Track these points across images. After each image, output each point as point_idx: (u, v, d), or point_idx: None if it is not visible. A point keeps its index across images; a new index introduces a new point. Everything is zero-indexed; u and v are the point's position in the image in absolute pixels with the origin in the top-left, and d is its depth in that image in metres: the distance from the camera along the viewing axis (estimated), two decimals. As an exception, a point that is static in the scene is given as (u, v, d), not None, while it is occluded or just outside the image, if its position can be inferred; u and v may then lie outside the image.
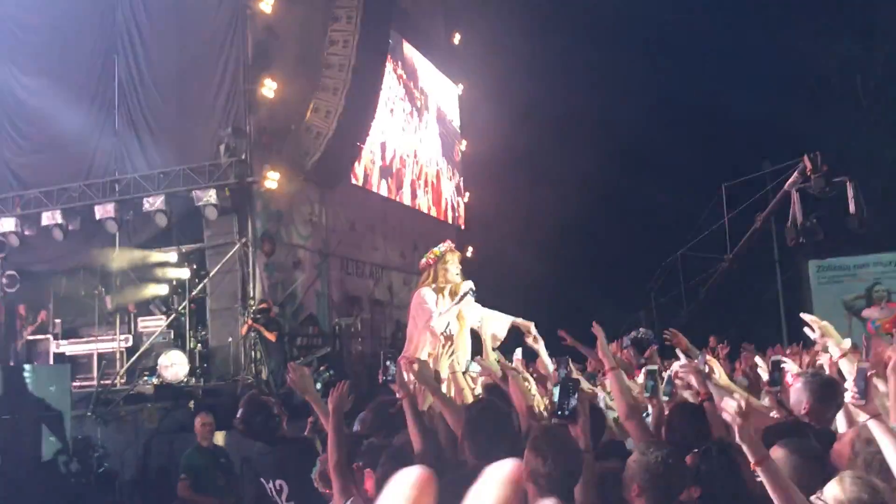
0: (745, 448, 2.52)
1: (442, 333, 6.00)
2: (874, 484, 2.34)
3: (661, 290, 19.61)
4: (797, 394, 3.80)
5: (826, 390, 3.68)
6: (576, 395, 3.26)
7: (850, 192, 13.54)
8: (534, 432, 3.08)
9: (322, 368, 10.35)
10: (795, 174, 14.27)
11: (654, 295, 19.94)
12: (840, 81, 26.95)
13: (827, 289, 20.16)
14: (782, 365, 4.21)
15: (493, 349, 5.63)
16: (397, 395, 4.07)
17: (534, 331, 5.82)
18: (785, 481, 2.45)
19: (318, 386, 9.81)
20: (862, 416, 2.87)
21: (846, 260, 20.05)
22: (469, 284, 6.27)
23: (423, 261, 6.66)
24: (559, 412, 3.29)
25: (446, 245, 6.61)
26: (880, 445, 2.76)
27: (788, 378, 4.14)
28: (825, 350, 4.24)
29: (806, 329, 4.45)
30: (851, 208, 13.51)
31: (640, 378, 4.33)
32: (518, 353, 5.24)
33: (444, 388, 4.71)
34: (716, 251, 18.66)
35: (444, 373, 4.90)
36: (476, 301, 6.37)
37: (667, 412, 3.81)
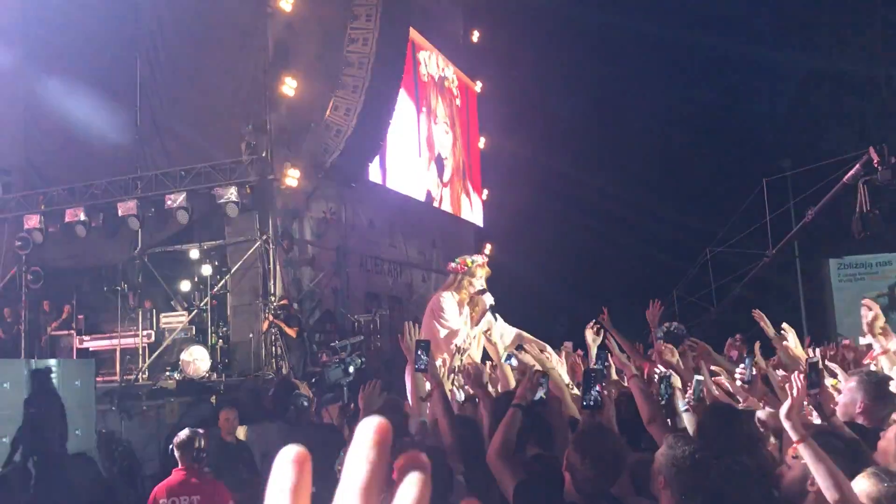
0: (787, 427, 2.56)
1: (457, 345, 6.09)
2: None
3: (688, 288, 19.44)
4: (851, 393, 3.74)
5: (881, 389, 3.66)
6: (598, 386, 3.32)
7: None
8: (580, 428, 3.13)
9: (356, 355, 10.50)
10: (858, 166, 14.13)
11: (676, 294, 19.80)
12: (862, 74, 26.71)
13: (848, 286, 19.99)
14: (821, 366, 4.11)
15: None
16: (428, 385, 4.15)
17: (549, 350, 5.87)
18: (825, 458, 2.48)
19: (351, 369, 9.95)
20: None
21: (867, 258, 19.88)
22: (489, 300, 6.32)
23: (453, 265, 6.72)
24: (584, 403, 3.36)
25: (480, 259, 6.69)
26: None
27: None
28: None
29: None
30: None
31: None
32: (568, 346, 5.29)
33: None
34: (741, 248, 18.43)
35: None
36: (495, 298, 6.44)
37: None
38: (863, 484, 2.36)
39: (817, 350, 5.81)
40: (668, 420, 3.87)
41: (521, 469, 3.17)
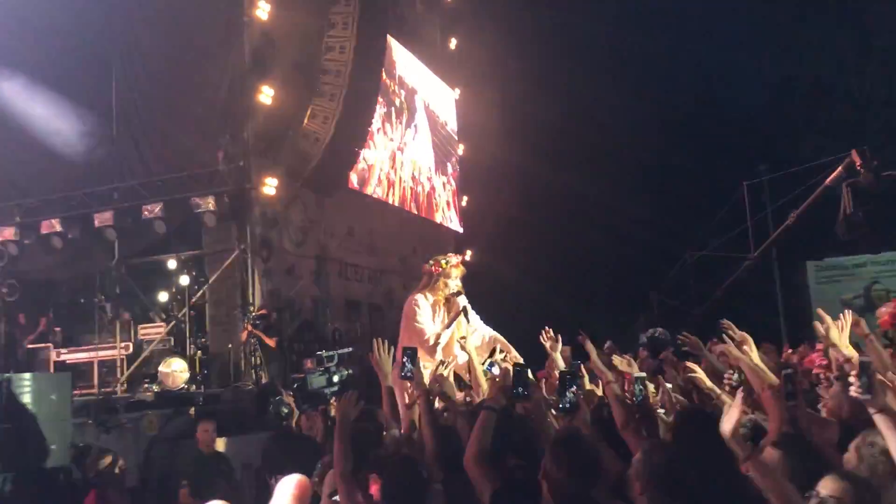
0: (732, 445, 2.58)
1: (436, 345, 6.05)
2: (861, 478, 2.40)
3: (669, 292, 19.50)
4: (837, 398, 3.74)
5: None
6: (574, 389, 3.33)
7: None
8: (556, 435, 3.13)
9: (343, 367, 10.43)
10: (840, 169, 14.25)
11: (656, 299, 19.87)
12: (837, 80, 27.00)
13: (825, 288, 20.20)
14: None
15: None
16: (413, 393, 4.15)
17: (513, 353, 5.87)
18: (776, 476, 2.50)
19: (336, 379, 9.90)
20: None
21: (844, 260, 20.09)
22: (462, 302, 6.28)
23: (428, 266, 6.66)
24: (560, 406, 3.37)
25: (455, 259, 6.63)
26: (886, 440, 2.78)
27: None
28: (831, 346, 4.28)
29: (816, 324, 4.49)
30: None
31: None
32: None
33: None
34: (721, 252, 18.49)
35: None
36: (475, 303, 6.41)
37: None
38: (829, 484, 2.40)
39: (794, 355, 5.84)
40: (647, 421, 3.88)
41: (499, 476, 3.16)
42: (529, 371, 3.84)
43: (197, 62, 13.58)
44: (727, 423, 2.65)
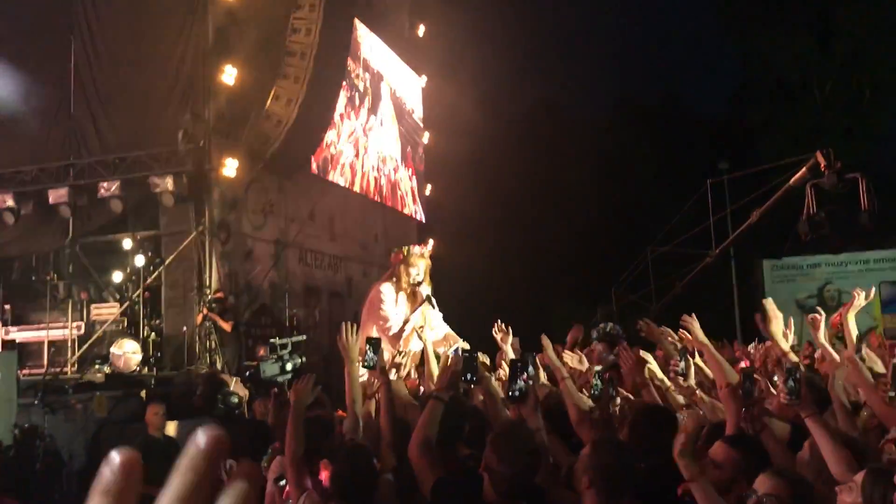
0: (680, 465, 2.59)
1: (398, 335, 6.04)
2: (799, 476, 2.42)
3: (629, 287, 19.65)
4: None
5: (817, 392, 3.69)
6: (524, 377, 3.32)
7: (863, 188, 13.77)
8: (496, 429, 3.11)
9: (296, 354, 10.28)
10: (804, 170, 14.45)
11: (615, 292, 20.02)
12: (797, 81, 27.40)
13: (780, 287, 20.51)
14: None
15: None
16: (376, 382, 4.12)
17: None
18: (716, 500, 2.53)
19: (288, 367, 9.77)
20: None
21: (799, 259, 20.42)
22: (425, 291, 6.28)
23: (393, 254, 6.68)
24: (509, 394, 3.36)
25: (419, 249, 6.65)
26: (818, 442, 2.82)
27: None
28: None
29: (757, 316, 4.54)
30: (864, 204, 13.74)
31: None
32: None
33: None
34: (682, 249, 18.67)
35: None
36: (437, 293, 6.40)
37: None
38: (765, 482, 2.42)
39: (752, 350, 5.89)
40: (604, 414, 3.88)
41: (443, 467, 3.14)
42: (479, 358, 3.83)
43: (159, 39, 13.34)
44: (677, 444, 2.66)
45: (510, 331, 5.50)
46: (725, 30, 28.75)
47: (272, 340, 10.56)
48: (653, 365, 4.52)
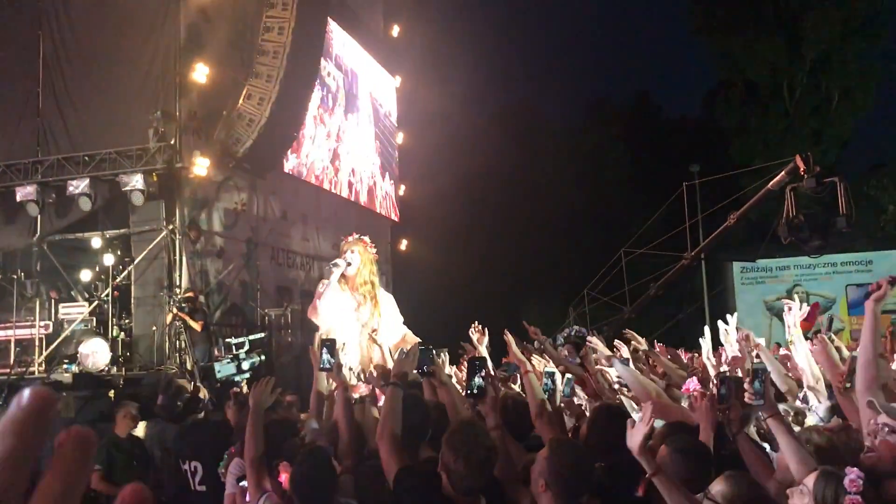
0: (640, 460, 2.62)
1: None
2: (754, 480, 2.47)
3: (603, 288, 19.76)
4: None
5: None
6: (482, 374, 3.38)
7: (841, 192, 13.98)
8: (451, 427, 3.14)
9: (256, 352, 10.20)
10: (783, 174, 14.64)
11: (587, 294, 20.14)
12: (768, 85, 27.70)
13: (750, 289, 20.78)
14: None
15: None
16: (334, 384, 4.14)
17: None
18: (680, 490, 2.56)
19: (246, 366, 9.69)
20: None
21: (768, 262, 20.68)
22: (338, 265, 6.42)
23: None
24: (467, 391, 3.41)
25: (352, 238, 6.73)
26: (780, 443, 2.87)
27: None
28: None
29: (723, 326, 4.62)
30: (842, 208, 13.95)
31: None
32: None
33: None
34: (655, 251, 18.81)
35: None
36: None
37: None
38: (719, 486, 2.45)
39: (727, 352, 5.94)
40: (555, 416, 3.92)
41: (408, 460, 3.17)
42: (434, 351, 3.89)
43: (130, 35, 13.23)
44: (634, 438, 2.69)
45: (486, 332, 5.55)
46: (698, 33, 28.98)
47: (227, 340, 10.49)
48: (600, 348, 4.59)
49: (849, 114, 27.53)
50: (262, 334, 12.20)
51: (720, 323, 4.99)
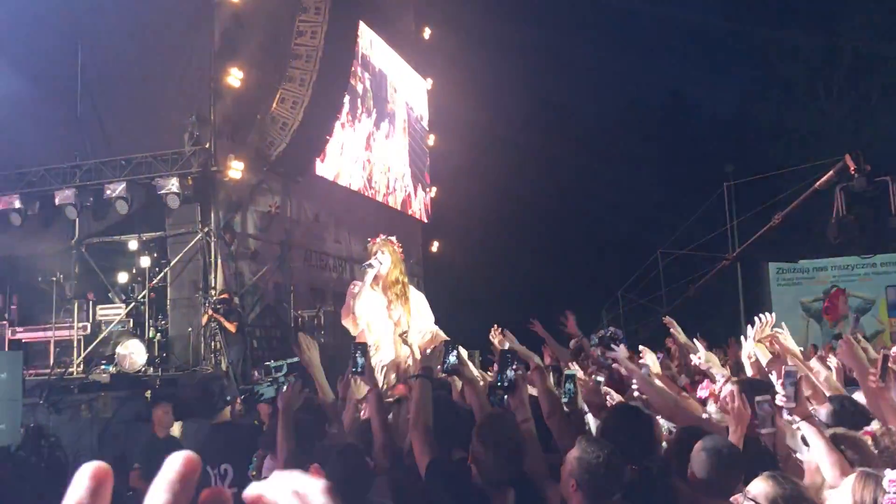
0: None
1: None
2: (795, 481, 2.44)
3: (637, 290, 19.60)
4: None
5: None
6: (514, 367, 3.38)
7: (893, 191, 13.75)
8: (480, 420, 3.15)
9: (293, 376, 10.27)
10: (831, 173, 14.43)
11: (622, 295, 19.99)
12: (805, 84, 27.32)
13: (786, 290, 20.47)
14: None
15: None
16: (366, 387, 4.16)
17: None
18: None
19: (285, 389, 9.77)
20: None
21: (805, 262, 20.36)
22: (372, 268, 6.42)
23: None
24: (498, 384, 3.41)
25: (380, 238, 6.74)
26: (811, 447, 2.84)
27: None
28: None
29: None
30: (893, 207, 13.73)
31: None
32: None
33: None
34: (693, 252, 18.61)
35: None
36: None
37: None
38: (759, 486, 2.43)
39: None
40: (576, 419, 3.91)
41: (439, 453, 3.18)
42: (458, 347, 3.88)
43: (166, 42, 13.42)
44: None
45: (506, 333, 5.56)
46: (734, 31, 28.67)
47: (266, 363, 10.58)
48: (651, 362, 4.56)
49: (888, 112, 27.04)
50: (298, 358, 12.28)
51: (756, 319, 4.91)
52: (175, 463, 0.61)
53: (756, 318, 4.35)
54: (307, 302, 15.40)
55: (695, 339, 5.51)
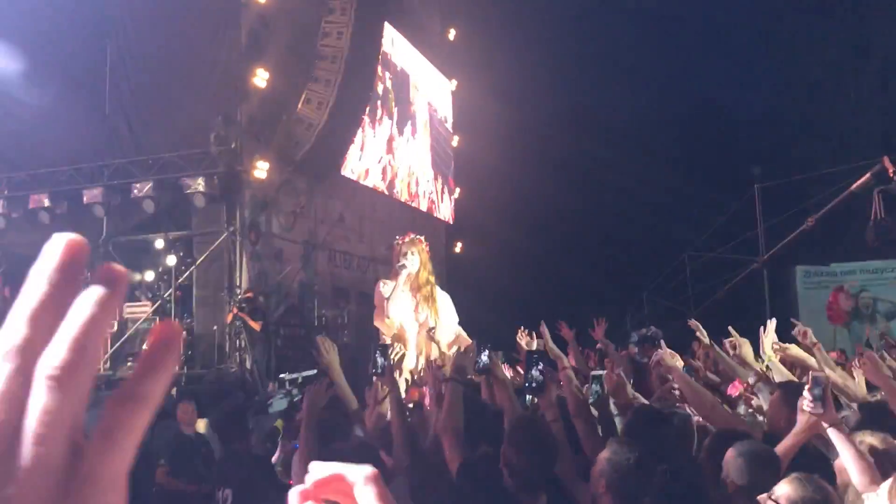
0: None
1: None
2: (822, 483, 2.41)
3: (662, 292, 19.46)
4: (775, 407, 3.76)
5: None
6: (540, 367, 3.36)
7: None
8: (510, 423, 3.14)
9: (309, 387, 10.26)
10: (868, 176, 14.25)
11: (647, 297, 19.87)
12: (834, 86, 27.01)
13: (813, 294, 20.23)
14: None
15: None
16: (384, 389, 4.16)
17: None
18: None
19: (296, 400, 9.77)
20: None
21: (833, 266, 20.11)
22: (406, 268, 6.41)
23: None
24: (526, 385, 3.41)
25: (409, 237, 6.73)
26: (839, 452, 2.80)
27: None
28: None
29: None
30: None
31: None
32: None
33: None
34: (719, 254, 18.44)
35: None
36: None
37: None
38: (784, 487, 2.40)
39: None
40: (604, 421, 3.89)
41: (469, 453, 3.18)
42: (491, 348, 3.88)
43: (192, 43, 13.52)
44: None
45: (534, 335, 5.55)
46: (760, 34, 28.42)
47: (281, 376, 10.56)
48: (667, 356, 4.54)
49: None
50: (314, 371, 12.30)
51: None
52: (56, 245, 0.46)
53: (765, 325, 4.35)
54: (331, 301, 15.46)
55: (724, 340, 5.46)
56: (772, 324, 4.67)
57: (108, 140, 13.89)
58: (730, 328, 5.31)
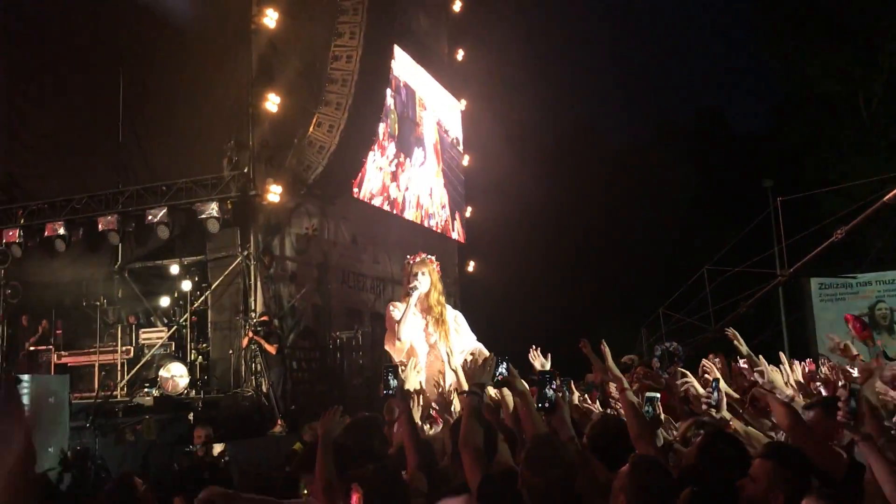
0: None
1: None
2: (842, 499, 2.39)
3: (677, 307, 19.32)
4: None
5: None
6: (553, 386, 3.35)
7: None
8: (528, 444, 3.13)
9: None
10: None
11: (663, 313, 19.74)
12: (842, 98, 26.92)
13: (829, 306, 20.08)
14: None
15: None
16: (397, 409, 4.13)
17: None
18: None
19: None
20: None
21: (849, 278, 19.98)
22: (416, 289, 6.38)
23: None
24: (539, 404, 3.39)
25: (420, 257, 6.71)
26: (872, 466, 2.77)
27: None
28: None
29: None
30: None
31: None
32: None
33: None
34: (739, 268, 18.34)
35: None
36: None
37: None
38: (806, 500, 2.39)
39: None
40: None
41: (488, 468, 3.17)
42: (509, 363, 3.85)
43: (204, 69, 13.65)
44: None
45: (549, 356, 5.53)
46: (765, 45, 28.40)
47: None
48: (693, 382, 4.49)
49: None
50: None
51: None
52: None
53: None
54: (344, 323, 15.49)
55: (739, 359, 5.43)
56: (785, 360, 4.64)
57: (121, 167, 14.02)
58: (780, 354, 5.26)
